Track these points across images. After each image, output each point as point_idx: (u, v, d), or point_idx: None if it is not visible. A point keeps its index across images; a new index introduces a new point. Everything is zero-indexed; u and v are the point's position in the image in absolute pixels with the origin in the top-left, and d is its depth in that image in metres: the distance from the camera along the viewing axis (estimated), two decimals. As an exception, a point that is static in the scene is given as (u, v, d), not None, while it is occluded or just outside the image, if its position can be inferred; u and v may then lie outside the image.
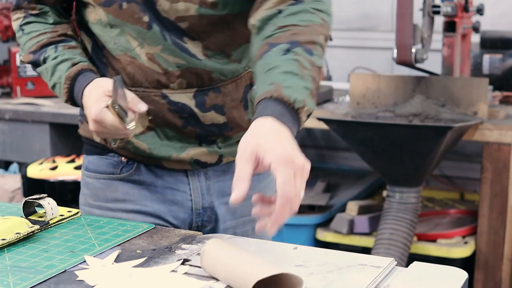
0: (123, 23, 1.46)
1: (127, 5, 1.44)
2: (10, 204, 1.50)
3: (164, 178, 1.56)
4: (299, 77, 1.24)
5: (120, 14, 1.45)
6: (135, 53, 1.48)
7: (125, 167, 1.56)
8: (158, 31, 1.45)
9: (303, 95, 1.22)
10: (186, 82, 1.49)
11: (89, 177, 1.60)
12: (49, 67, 1.51)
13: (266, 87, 1.22)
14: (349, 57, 3.71)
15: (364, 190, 3.30)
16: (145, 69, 1.48)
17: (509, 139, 2.63)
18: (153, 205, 1.56)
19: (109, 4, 1.45)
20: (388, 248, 2.63)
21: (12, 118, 3.37)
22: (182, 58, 1.46)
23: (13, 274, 1.13)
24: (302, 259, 1.19)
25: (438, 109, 2.71)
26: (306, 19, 1.33)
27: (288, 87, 1.21)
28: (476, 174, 3.26)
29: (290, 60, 1.25)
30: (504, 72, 3.05)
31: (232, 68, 1.51)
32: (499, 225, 2.70)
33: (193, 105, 1.50)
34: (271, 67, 1.26)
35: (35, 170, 2.87)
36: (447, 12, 2.76)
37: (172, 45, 1.45)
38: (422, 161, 2.62)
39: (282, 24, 1.32)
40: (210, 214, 1.58)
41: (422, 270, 1.14)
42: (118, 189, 1.56)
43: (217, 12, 1.44)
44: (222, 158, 1.56)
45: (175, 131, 1.52)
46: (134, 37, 1.47)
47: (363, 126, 2.63)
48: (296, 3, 1.35)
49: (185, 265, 1.16)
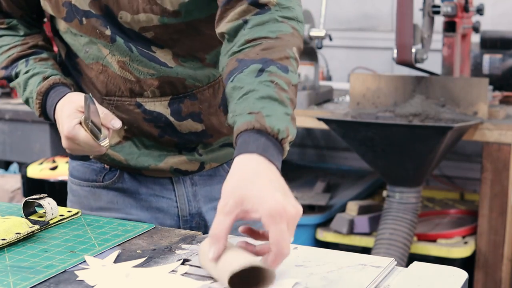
0: (88, 36, 1.42)
1: (87, 20, 1.39)
2: (10, 204, 1.50)
3: (148, 185, 1.53)
4: (278, 103, 1.11)
5: (82, 29, 1.41)
6: (106, 61, 1.43)
7: (108, 174, 1.53)
8: (123, 43, 1.40)
9: (285, 123, 1.10)
10: (159, 91, 1.43)
11: (74, 184, 1.58)
12: (21, 82, 1.48)
13: (245, 117, 1.09)
14: (349, 57, 3.72)
15: (364, 190, 3.30)
16: (117, 77, 1.43)
17: (509, 139, 2.63)
18: (138, 213, 1.52)
19: (70, 20, 1.41)
20: (388, 248, 2.63)
21: (12, 118, 3.37)
22: (152, 68, 1.41)
23: (13, 274, 1.13)
24: (302, 259, 1.19)
25: (438, 109, 2.71)
26: (275, 30, 1.20)
27: (269, 116, 1.09)
28: (476, 174, 3.27)
29: (266, 82, 1.13)
30: (504, 72, 3.06)
31: (207, 73, 1.45)
32: (499, 225, 2.70)
33: (169, 114, 1.45)
34: (247, 91, 1.13)
35: (35, 170, 2.87)
36: (447, 12, 2.76)
37: (139, 56, 1.40)
38: (422, 161, 2.62)
39: (250, 38, 1.20)
40: (199, 220, 1.55)
41: (422, 270, 1.14)
42: (102, 197, 1.54)
43: (181, 20, 1.37)
44: (204, 165, 1.52)
45: (152, 140, 1.48)
46: (104, 46, 1.42)
47: (363, 126, 2.63)
48: (262, 11, 1.22)
49: (185, 265, 1.16)
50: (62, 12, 1.41)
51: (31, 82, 1.46)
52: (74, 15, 1.40)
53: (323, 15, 2.97)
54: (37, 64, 1.48)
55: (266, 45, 1.17)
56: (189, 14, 1.37)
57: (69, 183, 1.60)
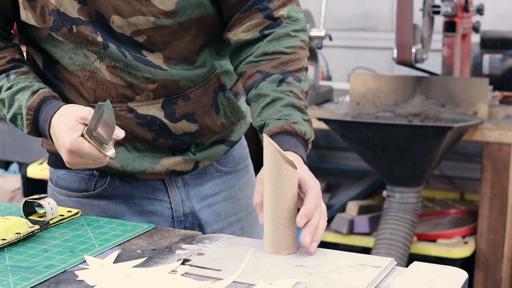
0: (76, 44, 1.38)
1: (77, 28, 1.36)
2: (10, 204, 1.50)
3: (141, 189, 1.51)
4: (298, 110, 1.34)
5: (71, 37, 1.37)
6: (94, 67, 1.40)
7: (98, 182, 1.50)
8: (115, 49, 1.37)
9: (307, 127, 1.33)
10: (154, 94, 1.41)
11: (61, 194, 1.53)
12: (6, 98, 1.41)
13: (276, 122, 1.31)
14: (349, 57, 3.72)
15: (364, 190, 3.30)
16: (107, 83, 1.40)
17: (509, 139, 2.63)
18: (131, 219, 1.50)
19: (57, 29, 1.36)
20: (388, 248, 2.63)
21: (12, 118, 3.37)
22: (147, 72, 1.39)
23: (13, 274, 1.13)
24: (302, 259, 1.19)
25: (438, 109, 2.71)
26: (289, 46, 1.38)
27: (296, 123, 1.31)
28: (476, 174, 3.26)
29: (286, 92, 1.34)
30: (504, 72, 3.05)
31: (198, 73, 1.45)
32: (499, 225, 2.70)
33: (163, 116, 1.43)
34: (272, 100, 1.34)
35: (35, 170, 2.87)
36: (447, 12, 2.76)
37: (133, 60, 1.38)
38: (422, 161, 2.62)
39: (268, 51, 1.38)
40: (192, 220, 1.54)
41: (422, 270, 1.14)
42: (93, 208, 1.51)
43: (175, 20, 1.38)
44: (198, 164, 1.52)
45: (146, 145, 1.46)
46: (92, 52, 1.39)
47: (363, 126, 2.63)
48: (276, 24, 1.38)
49: (185, 265, 1.16)
50: (48, 21, 1.36)
51: (19, 97, 1.40)
52: (63, 23, 1.36)
53: (323, 15, 2.97)
54: (19, 79, 1.41)
55: (284, 60, 1.37)
56: (183, 13, 1.38)
57: (54, 193, 1.54)
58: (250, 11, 1.39)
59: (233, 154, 1.59)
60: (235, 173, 1.60)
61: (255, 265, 1.16)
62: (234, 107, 1.51)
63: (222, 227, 1.57)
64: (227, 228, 1.58)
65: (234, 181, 1.60)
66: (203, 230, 1.54)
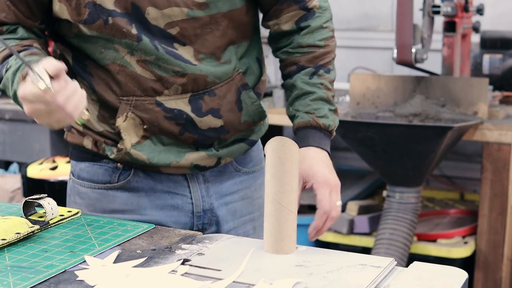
0: (109, 37, 1.41)
1: (113, 20, 1.39)
2: (10, 204, 1.50)
3: (163, 183, 1.53)
4: (326, 102, 1.51)
5: (105, 30, 1.40)
6: (124, 61, 1.43)
7: (122, 174, 1.52)
8: (148, 42, 1.41)
9: (333, 118, 1.51)
10: (182, 88, 1.45)
11: (83, 186, 1.55)
12: (9, 75, 1.41)
13: (305, 115, 1.49)
14: (349, 57, 3.71)
15: (364, 190, 3.30)
16: (137, 77, 1.44)
17: (509, 139, 2.63)
18: (152, 213, 1.52)
19: (92, 21, 1.40)
20: (388, 248, 2.63)
21: (12, 118, 3.37)
22: (177, 65, 1.44)
23: (13, 274, 1.13)
24: (302, 259, 1.19)
25: (438, 109, 2.71)
26: (322, 38, 1.53)
27: (322, 117, 1.49)
28: (476, 174, 3.26)
29: (318, 85, 1.51)
30: (504, 72, 3.05)
31: (224, 70, 1.49)
32: (499, 225, 2.70)
33: (190, 111, 1.47)
34: (303, 93, 1.50)
35: (35, 170, 2.87)
36: (447, 12, 2.76)
37: (165, 54, 1.42)
38: (422, 161, 2.62)
39: (304, 44, 1.52)
40: (210, 216, 1.56)
41: (422, 270, 1.14)
42: (116, 199, 1.53)
43: (207, 12, 1.43)
44: (221, 160, 1.55)
45: (172, 138, 1.49)
46: (123, 46, 1.42)
47: (363, 126, 2.63)
48: (310, 15, 1.52)
49: (185, 265, 1.16)
50: (84, 14, 1.39)
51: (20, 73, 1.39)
52: (99, 16, 1.39)
53: (323, 15, 2.96)
54: (27, 57, 1.41)
55: (317, 54, 1.52)
56: (215, 5, 1.44)
57: (75, 185, 1.57)
58: (287, 3, 1.51)
59: (251, 155, 1.63)
60: (252, 174, 1.63)
61: (255, 265, 1.16)
62: (257, 106, 1.56)
63: (237, 225, 1.61)
64: (241, 227, 1.61)
65: (251, 181, 1.63)
66: (219, 227, 1.57)
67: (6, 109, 3.38)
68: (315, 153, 1.47)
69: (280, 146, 1.22)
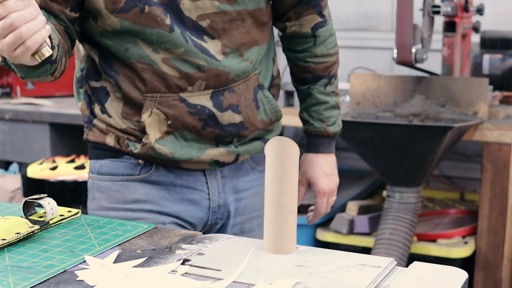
0: (141, 28, 1.45)
1: (149, 8, 1.44)
2: (10, 204, 1.50)
3: (183, 178, 1.58)
4: (335, 108, 1.72)
5: (139, 19, 1.44)
6: (149, 59, 1.48)
7: (144, 168, 1.57)
8: (180, 33, 1.46)
9: (339, 122, 1.73)
10: (205, 84, 1.51)
11: (104, 180, 1.59)
12: None
13: (318, 125, 1.71)
14: (349, 57, 3.71)
15: (364, 190, 3.30)
16: (162, 74, 1.49)
17: (509, 139, 2.63)
18: (171, 205, 1.58)
19: (128, 10, 1.43)
20: (388, 248, 2.63)
21: (12, 118, 3.37)
22: (203, 59, 1.49)
23: (13, 274, 1.13)
24: (302, 259, 1.19)
25: (438, 109, 2.71)
26: (332, 46, 1.68)
27: (332, 125, 1.71)
28: (476, 174, 3.27)
29: (330, 94, 1.70)
30: (504, 72, 3.05)
31: (243, 67, 1.55)
32: (499, 225, 2.70)
33: (211, 106, 1.52)
34: (319, 102, 1.70)
35: (35, 170, 2.87)
36: (447, 12, 2.76)
37: (193, 47, 1.48)
38: (422, 161, 2.62)
39: (319, 53, 1.66)
40: (223, 211, 1.62)
41: (422, 270, 1.14)
42: (138, 190, 1.57)
43: (235, 7, 1.51)
44: (239, 157, 1.60)
45: (194, 134, 1.53)
46: (148, 43, 1.47)
47: (363, 126, 2.63)
48: (324, 23, 1.65)
49: (185, 265, 1.16)
50: (120, 2, 1.43)
51: None
52: (135, 4, 1.43)
53: (323, 15, 2.96)
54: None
55: (329, 64, 1.68)
56: (242, 2, 1.52)
57: (95, 181, 1.61)
58: (305, 7, 1.62)
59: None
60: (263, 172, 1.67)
61: (255, 265, 1.16)
62: (273, 105, 1.64)
63: (244, 220, 1.67)
64: (247, 222, 1.68)
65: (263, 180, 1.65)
66: (227, 221, 1.64)
67: (6, 109, 3.38)
68: (322, 159, 1.72)
69: (280, 146, 1.22)
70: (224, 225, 1.64)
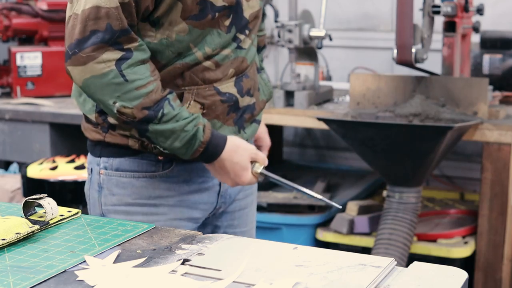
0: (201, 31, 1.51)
1: (218, 14, 1.51)
2: (10, 204, 1.50)
3: (199, 168, 1.64)
4: None
5: (206, 24, 1.51)
6: (194, 57, 1.52)
7: (165, 165, 1.61)
8: (234, 33, 1.57)
9: None
10: (234, 72, 1.60)
11: (125, 177, 1.62)
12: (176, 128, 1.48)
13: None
14: (349, 57, 3.71)
15: (364, 190, 3.30)
16: (202, 68, 1.54)
17: (509, 139, 2.63)
18: (189, 197, 1.65)
19: (202, 17, 1.49)
20: (388, 248, 2.63)
21: (12, 118, 3.37)
22: (233, 51, 1.58)
23: (13, 274, 1.13)
24: (302, 259, 1.19)
25: (438, 109, 2.71)
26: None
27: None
28: (476, 174, 3.27)
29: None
30: (504, 72, 3.05)
31: (253, 53, 1.66)
32: (499, 225, 2.70)
33: (236, 92, 1.60)
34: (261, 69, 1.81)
35: (35, 170, 2.87)
36: (447, 12, 2.76)
37: (234, 42, 1.57)
38: (422, 161, 2.62)
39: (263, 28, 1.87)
40: (226, 194, 1.71)
41: (422, 270, 1.14)
42: (160, 185, 1.62)
43: (261, 4, 1.66)
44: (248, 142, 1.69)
45: (221, 121, 1.59)
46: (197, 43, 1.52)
47: (363, 126, 2.63)
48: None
49: (185, 265, 1.16)
50: (194, 10, 1.48)
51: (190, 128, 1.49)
52: (208, 12, 1.50)
53: (323, 15, 2.96)
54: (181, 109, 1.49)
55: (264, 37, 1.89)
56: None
57: (111, 178, 1.63)
58: None
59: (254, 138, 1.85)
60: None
61: (255, 265, 1.16)
62: (268, 86, 1.78)
63: (240, 197, 1.78)
64: (243, 200, 1.79)
65: None
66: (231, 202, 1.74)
67: (6, 109, 3.38)
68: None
69: None
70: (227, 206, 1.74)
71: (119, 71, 1.42)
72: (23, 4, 3.54)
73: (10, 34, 3.53)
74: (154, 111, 1.46)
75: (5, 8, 3.52)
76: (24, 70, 3.50)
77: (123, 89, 1.43)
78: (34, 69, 3.48)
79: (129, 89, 1.44)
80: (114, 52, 1.42)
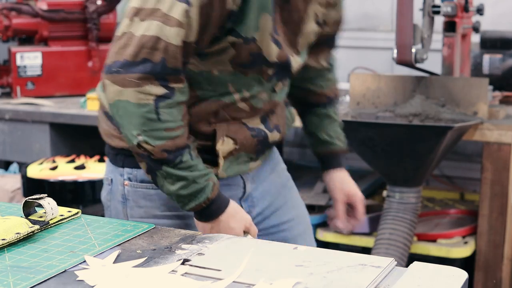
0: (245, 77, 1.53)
1: (266, 67, 1.53)
2: (10, 204, 1.50)
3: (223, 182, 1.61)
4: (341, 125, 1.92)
5: (251, 72, 1.53)
6: (231, 98, 1.55)
7: None
8: (275, 81, 1.59)
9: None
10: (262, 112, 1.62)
11: (151, 189, 1.58)
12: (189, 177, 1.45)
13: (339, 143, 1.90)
14: (349, 57, 3.71)
15: (364, 190, 3.28)
16: (236, 109, 1.55)
17: (509, 139, 2.63)
18: None
19: (252, 67, 1.51)
20: (388, 248, 2.63)
21: (12, 118, 3.37)
22: (268, 94, 1.61)
23: (13, 274, 1.13)
24: (302, 259, 1.19)
25: (438, 109, 2.71)
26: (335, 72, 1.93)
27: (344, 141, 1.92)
28: (476, 174, 3.26)
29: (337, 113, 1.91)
30: (504, 72, 3.05)
31: (284, 93, 1.70)
32: (499, 225, 2.70)
33: (264, 128, 1.63)
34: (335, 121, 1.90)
35: (35, 170, 2.87)
36: (447, 12, 2.76)
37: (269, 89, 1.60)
38: (422, 161, 2.62)
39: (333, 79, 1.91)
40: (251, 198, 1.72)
41: (422, 270, 1.14)
42: None
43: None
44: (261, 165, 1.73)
45: (249, 152, 1.62)
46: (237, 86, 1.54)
47: (363, 126, 2.63)
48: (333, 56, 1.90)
49: (185, 265, 1.16)
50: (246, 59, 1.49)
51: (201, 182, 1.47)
52: (260, 64, 1.52)
53: (323, 15, 2.96)
54: (198, 161, 1.48)
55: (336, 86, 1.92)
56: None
57: (138, 189, 1.60)
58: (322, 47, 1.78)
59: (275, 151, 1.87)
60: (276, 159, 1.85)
61: (255, 265, 1.16)
62: (292, 116, 1.82)
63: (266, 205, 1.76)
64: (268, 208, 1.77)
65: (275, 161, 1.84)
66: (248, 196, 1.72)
67: (6, 109, 3.38)
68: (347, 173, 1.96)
69: None
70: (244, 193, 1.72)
71: (155, 107, 1.39)
72: (23, 4, 3.54)
73: (10, 34, 3.53)
74: (173, 156, 1.43)
75: (5, 8, 3.52)
76: (24, 70, 3.50)
77: (152, 126, 1.40)
78: (34, 69, 3.48)
79: (158, 128, 1.41)
80: (158, 87, 1.39)
